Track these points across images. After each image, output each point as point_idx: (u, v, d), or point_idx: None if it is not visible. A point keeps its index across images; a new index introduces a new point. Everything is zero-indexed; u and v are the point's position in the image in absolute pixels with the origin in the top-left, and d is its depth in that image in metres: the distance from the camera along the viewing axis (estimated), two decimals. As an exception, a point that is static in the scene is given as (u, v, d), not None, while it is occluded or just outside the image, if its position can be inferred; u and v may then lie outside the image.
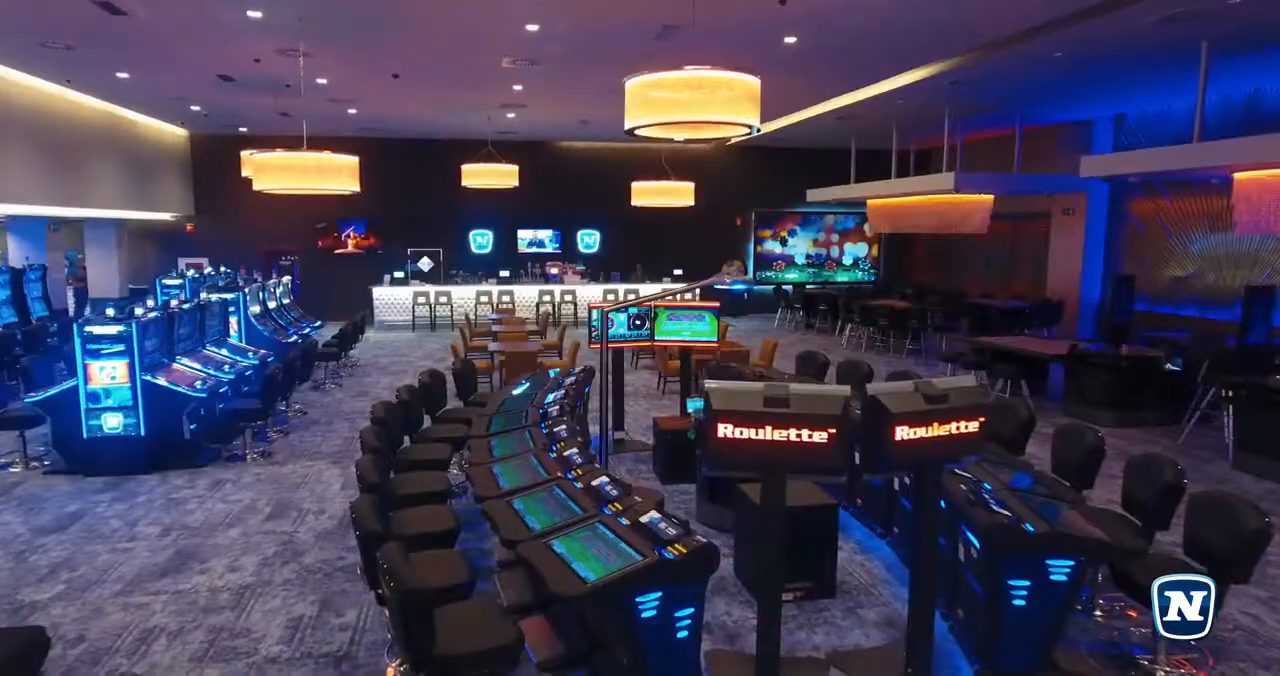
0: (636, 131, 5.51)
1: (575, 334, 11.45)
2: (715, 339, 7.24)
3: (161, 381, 6.49)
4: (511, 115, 13.18)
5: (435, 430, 5.94)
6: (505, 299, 16.07)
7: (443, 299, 15.93)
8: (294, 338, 10.07)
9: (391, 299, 16.12)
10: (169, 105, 12.45)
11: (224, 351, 8.17)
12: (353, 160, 7.75)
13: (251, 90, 10.84)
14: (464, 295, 16.13)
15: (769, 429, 3.16)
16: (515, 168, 13.13)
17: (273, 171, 7.33)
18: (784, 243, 18.51)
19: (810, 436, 3.14)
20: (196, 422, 6.86)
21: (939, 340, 12.94)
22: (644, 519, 3.38)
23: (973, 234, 13.34)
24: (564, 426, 4.89)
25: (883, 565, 4.78)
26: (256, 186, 7.54)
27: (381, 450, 4.52)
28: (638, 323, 7.23)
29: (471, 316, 15.07)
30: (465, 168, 13.01)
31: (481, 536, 4.99)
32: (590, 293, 16.53)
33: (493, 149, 14.15)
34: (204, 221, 16.30)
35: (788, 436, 3.16)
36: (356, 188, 7.89)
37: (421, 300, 15.87)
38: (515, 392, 6.25)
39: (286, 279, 11.75)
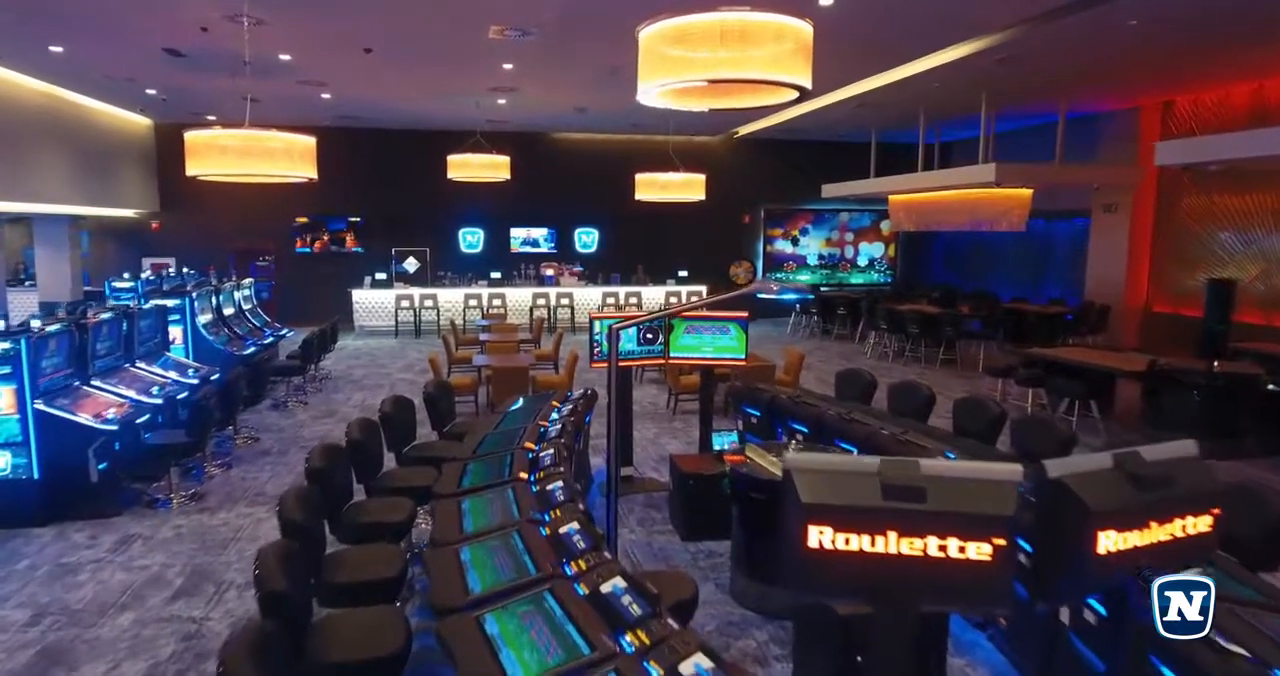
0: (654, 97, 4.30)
1: (572, 341, 10.23)
2: (743, 356, 6.01)
3: (60, 412, 5.24)
4: (502, 101, 11.94)
5: (396, 476, 4.70)
6: (496, 302, 14.80)
7: (428, 302, 14.66)
8: (252, 349, 8.81)
9: (373, 302, 14.85)
10: (120, 88, 11.17)
11: (159, 369, 6.92)
12: (308, 141, 6.49)
13: (207, 69, 9.57)
14: (451, 298, 14.86)
15: (893, 537, 1.95)
16: (506, 158, 11.93)
17: (207, 153, 6.06)
18: (795, 242, 17.30)
19: (961, 550, 1.93)
20: (111, 460, 5.61)
21: (975, 349, 11.74)
22: (685, 668, 2.17)
23: (1009, 231, 12.19)
24: (560, 483, 3.67)
25: (990, 673, 3.57)
26: (190, 171, 6.28)
27: (307, 525, 3.29)
28: (649, 336, 6.01)
29: (459, 321, 13.81)
30: (451, 158, 11.79)
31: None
32: (588, 295, 15.31)
33: (482, 140, 12.91)
34: (171, 218, 14.99)
35: (924, 548, 1.94)
36: (313, 174, 6.65)
37: (405, 304, 14.60)
38: (500, 426, 5.03)
39: (248, 281, 10.47)
